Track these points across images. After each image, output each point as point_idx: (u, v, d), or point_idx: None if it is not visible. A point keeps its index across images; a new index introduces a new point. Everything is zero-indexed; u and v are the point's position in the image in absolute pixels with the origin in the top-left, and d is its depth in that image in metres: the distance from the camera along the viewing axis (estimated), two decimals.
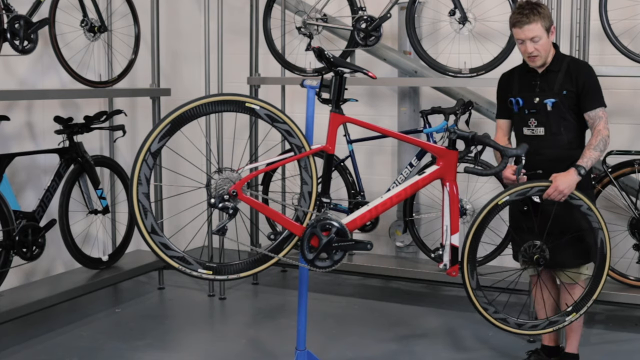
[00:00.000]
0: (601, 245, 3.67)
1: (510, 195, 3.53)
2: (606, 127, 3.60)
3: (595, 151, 3.57)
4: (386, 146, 5.73)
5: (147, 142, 2.98)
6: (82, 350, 4.24)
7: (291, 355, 3.66)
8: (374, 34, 4.94)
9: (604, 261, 3.68)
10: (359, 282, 5.66)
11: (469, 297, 3.60)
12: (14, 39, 4.23)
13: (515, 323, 3.68)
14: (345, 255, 3.37)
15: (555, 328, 3.75)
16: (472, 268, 3.57)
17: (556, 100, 3.63)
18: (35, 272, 5.05)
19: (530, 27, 3.55)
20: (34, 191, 4.92)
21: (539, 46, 3.59)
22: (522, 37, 3.59)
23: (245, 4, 5.68)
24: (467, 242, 3.55)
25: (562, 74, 3.65)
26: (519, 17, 3.58)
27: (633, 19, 4.81)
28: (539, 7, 3.60)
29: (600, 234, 3.65)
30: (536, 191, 3.54)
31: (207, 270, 3.15)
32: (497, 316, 3.64)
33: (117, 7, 5.36)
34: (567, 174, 3.53)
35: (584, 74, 3.65)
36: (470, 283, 3.57)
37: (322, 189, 3.32)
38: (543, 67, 3.69)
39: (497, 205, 3.54)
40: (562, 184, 3.50)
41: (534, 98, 3.70)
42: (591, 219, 3.63)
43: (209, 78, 5.12)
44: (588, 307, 3.73)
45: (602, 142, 3.58)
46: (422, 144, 3.65)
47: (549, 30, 3.61)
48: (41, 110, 5.05)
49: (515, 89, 3.78)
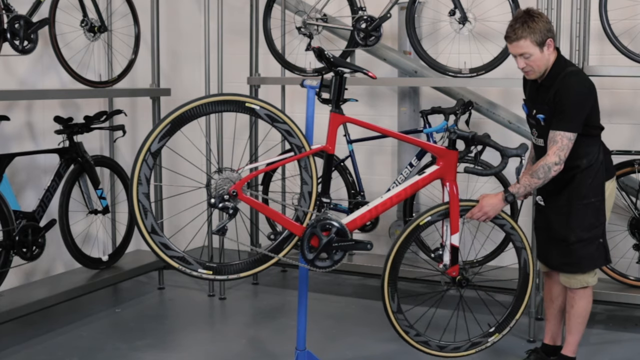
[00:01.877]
0: (524, 265, 3.66)
1: (432, 216, 3.48)
2: (557, 153, 3.40)
3: (532, 178, 3.45)
4: (386, 146, 5.73)
5: (147, 142, 2.99)
6: (82, 350, 4.24)
7: (291, 355, 3.66)
8: (374, 34, 4.94)
9: (526, 281, 3.68)
10: (359, 282, 5.66)
11: (389, 319, 3.54)
12: (14, 39, 4.23)
13: (437, 345, 3.65)
14: (345, 255, 3.38)
15: (478, 349, 3.71)
16: (393, 291, 3.52)
17: (545, 116, 3.55)
18: (35, 272, 5.05)
19: (519, 43, 3.44)
20: (34, 191, 4.93)
21: (531, 62, 3.48)
22: (513, 52, 3.53)
23: (245, 4, 5.68)
24: (388, 264, 3.49)
25: (553, 90, 3.50)
26: (509, 31, 3.48)
27: (633, 19, 4.81)
28: (532, 20, 3.43)
29: (524, 254, 3.64)
30: (461, 210, 3.51)
31: (207, 270, 3.16)
32: (418, 339, 3.60)
33: (117, 7, 5.36)
34: (495, 196, 3.49)
35: (564, 92, 3.45)
36: (391, 306, 3.52)
37: (322, 189, 3.32)
38: (540, 80, 3.60)
39: (418, 225, 3.49)
40: (486, 206, 3.48)
41: (532, 109, 3.65)
42: (514, 238, 3.63)
43: (209, 78, 5.12)
44: (511, 328, 3.72)
45: (543, 170, 3.42)
46: (422, 144, 3.66)
47: (542, 45, 3.45)
48: (41, 110, 5.05)
49: (525, 95, 3.75)
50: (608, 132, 5.08)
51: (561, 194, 3.60)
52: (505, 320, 3.73)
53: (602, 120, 3.68)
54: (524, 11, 3.52)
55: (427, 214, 3.49)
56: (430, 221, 3.50)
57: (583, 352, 3.97)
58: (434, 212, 3.49)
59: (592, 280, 3.66)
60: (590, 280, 3.66)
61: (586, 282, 3.65)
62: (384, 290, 3.50)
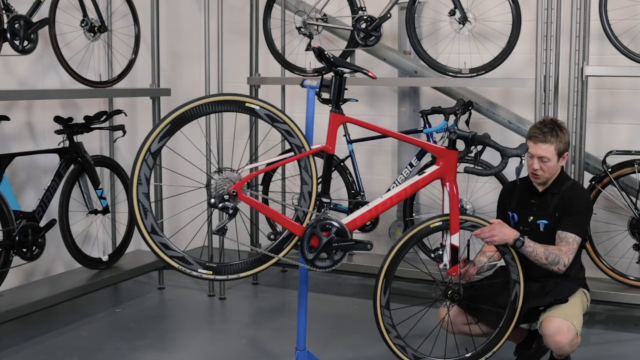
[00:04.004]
0: (515, 299, 3.65)
1: (444, 222, 3.48)
2: (568, 255, 3.54)
3: (543, 251, 3.51)
4: (386, 146, 5.73)
5: (147, 142, 2.98)
6: (82, 350, 4.24)
7: (291, 355, 3.66)
8: (374, 34, 4.94)
9: (513, 315, 3.66)
10: (359, 282, 5.66)
11: (375, 312, 3.53)
12: (14, 39, 4.23)
13: (413, 355, 3.61)
14: (345, 255, 3.38)
15: None
16: (387, 284, 3.52)
17: (548, 222, 3.65)
18: (35, 272, 5.05)
19: (544, 146, 3.59)
20: (34, 191, 4.92)
21: (546, 167, 3.62)
22: (532, 153, 3.62)
23: (245, 4, 5.68)
24: (391, 254, 3.50)
25: (558, 196, 3.66)
26: (537, 132, 3.63)
27: (633, 19, 4.81)
28: (560, 130, 3.63)
29: (517, 288, 3.64)
30: (469, 225, 3.53)
31: (207, 270, 3.15)
32: (397, 342, 3.58)
33: (117, 7, 5.36)
34: (509, 229, 3.53)
35: (577, 199, 3.65)
36: (381, 300, 3.52)
37: (322, 189, 3.32)
38: (543, 187, 3.71)
39: (428, 227, 3.48)
40: (498, 230, 3.50)
41: (528, 217, 3.73)
42: (512, 270, 3.62)
43: (209, 78, 5.12)
44: (486, 359, 3.69)
45: (554, 258, 3.52)
46: (422, 144, 3.65)
47: (561, 155, 3.63)
48: (41, 110, 5.05)
49: (513, 203, 3.82)
50: (608, 132, 5.14)
51: (548, 294, 3.66)
52: (483, 349, 3.70)
53: (602, 120, 3.70)
54: (551, 119, 3.74)
55: (440, 218, 3.49)
56: (441, 227, 3.49)
57: (583, 352, 3.97)
58: (445, 218, 3.48)
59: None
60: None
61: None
62: (378, 281, 3.50)
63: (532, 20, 4.66)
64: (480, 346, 3.72)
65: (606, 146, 4.77)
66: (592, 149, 4.89)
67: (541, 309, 3.65)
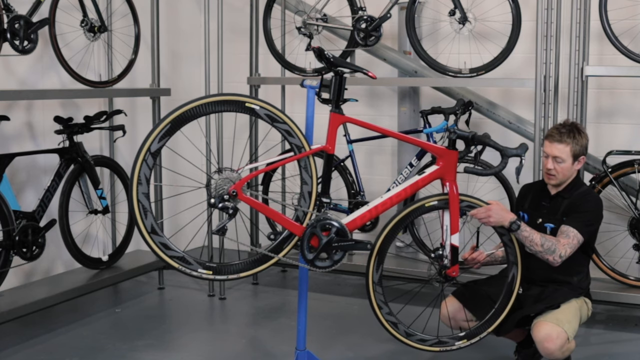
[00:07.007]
0: (512, 280, 3.66)
1: (439, 202, 3.48)
2: (566, 248, 3.48)
3: (539, 237, 3.48)
4: (386, 146, 5.73)
5: (147, 142, 2.99)
6: (82, 350, 4.24)
7: (291, 355, 3.66)
8: (374, 34, 4.94)
9: (510, 296, 3.66)
10: (359, 282, 5.65)
11: (367, 289, 3.54)
12: (14, 39, 4.23)
13: (405, 331, 3.63)
14: (345, 255, 3.38)
15: (442, 349, 3.69)
16: (380, 261, 3.53)
17: (555, 226, 3.64)
18: (35, 272, 5.05)
19: (560, 147, 3.58)
20: (34, 191, 4.93)
21: (559, 168, 3.61)
22: (548, 152, 3.63)
23: (245, 4, 5.68)
24: (385, 232, 3.50)
25: (568, 201, 3.65)
26: (554, 132, 3.63)
27: (633, 19, 4.81)
28: (578, 133, 3.62)
29: (514, 269, 3.64)
30: (465, 205, 3.52)
31: (207, 270, 3.16)
32: (388, 318, 3.59)
33: (117, 7, 5.36)
34: (506, 211, 3.51)
35: (587, 200, 3.64)
36: (373, 276, 3.53)
37: (322, 189, 3.32)
38: (556, 190, 3.71)
39: (423, 206, 3.49)
40: (494, 211, 3.47)
41: (537, 218, 3.73)
42: (509, 251, 3.63)
43: (209, 78, 5.12)
44: (481, 338, 3.70)
45: (550, 244, 3.47)
46: (422, 144, 3.66)
47: (576, 158, 3.61)
48: (41, 110, 5.05)
49: (526, 203, 3.83)
50: (608, 132, 5.14)
51: (542, 301, 3.65)
52: (477, 329, 3.71)
53: (602, 120, 3.71)
54: (572, 122, 3.72)
55: (435, 198, 3.49)
56: (436, 206, 3.49)
57: (583, 352, 3.97)
58: (442, 198, 3.48)
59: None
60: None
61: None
62: (371, 257, 3.50)
63: (532, 20, 4.66)
64: (474, 325, 3.73)
65: (606, 146, 4.78)
66: (592, 149, 4.88)
67: (532, 315, 3.65)
